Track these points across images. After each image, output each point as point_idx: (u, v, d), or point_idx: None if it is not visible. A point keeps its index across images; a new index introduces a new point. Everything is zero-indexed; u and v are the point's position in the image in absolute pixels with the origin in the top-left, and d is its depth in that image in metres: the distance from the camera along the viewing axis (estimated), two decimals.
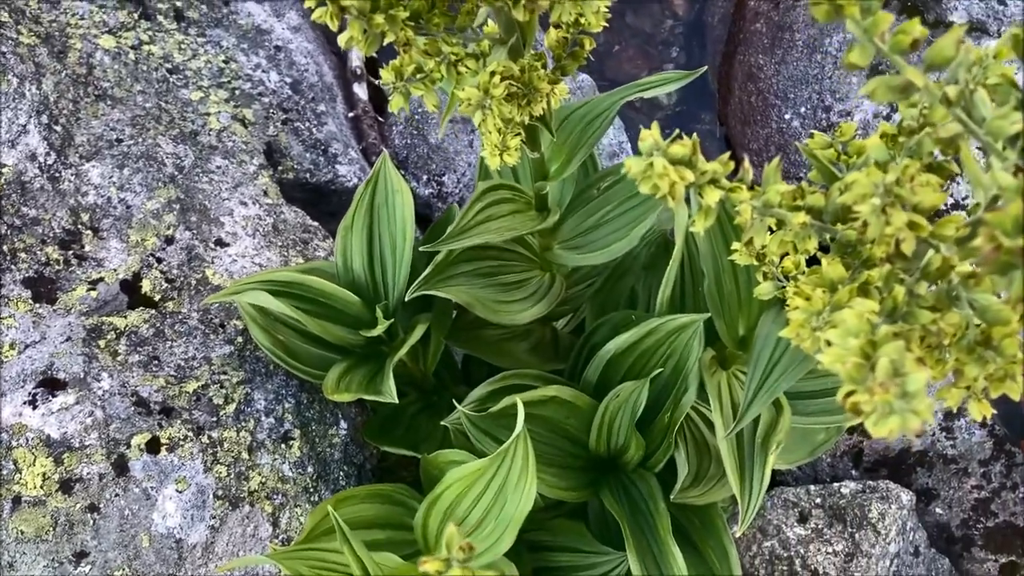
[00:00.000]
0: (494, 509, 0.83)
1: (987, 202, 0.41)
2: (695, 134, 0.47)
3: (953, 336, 0.45)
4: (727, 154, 0.47)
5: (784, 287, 0.67)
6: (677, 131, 0.45)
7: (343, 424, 1.11)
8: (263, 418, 1.04)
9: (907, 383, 0.35)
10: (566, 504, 1.04)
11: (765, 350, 0.64)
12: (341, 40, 0.57)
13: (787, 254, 0.61)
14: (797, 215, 0.47)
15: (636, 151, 0.47)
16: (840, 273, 0.47)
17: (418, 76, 0.60)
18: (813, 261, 0.66)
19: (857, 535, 1.23)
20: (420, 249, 0.93)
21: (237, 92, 1.44)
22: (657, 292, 1.10)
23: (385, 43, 0.61)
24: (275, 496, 1.01)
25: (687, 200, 0.74)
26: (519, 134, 0.79)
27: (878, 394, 0.35)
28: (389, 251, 1.04)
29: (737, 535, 0.75)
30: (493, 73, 0.57)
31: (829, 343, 0.40)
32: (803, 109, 1.60)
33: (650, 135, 0.43)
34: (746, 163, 0.48)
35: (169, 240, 1.13)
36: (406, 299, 0.95)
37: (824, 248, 0.62)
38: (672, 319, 0.90)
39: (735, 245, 0.67)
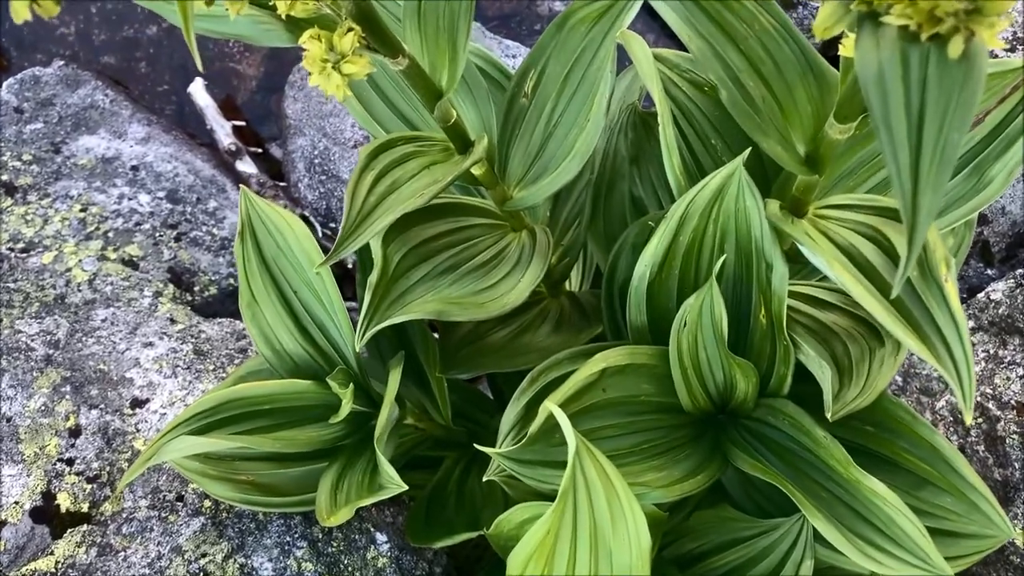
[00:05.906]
0: (601, 564, 0.51)
1: None
2: None
3: None
4: None
5: None
6: None
7: (381, 538, 0.79)
8: None
9: None
10: (695, 494, 0.72)
11: (892, 100, 0.32)
12: None
13: None
14: None
15: None
16: None
17: None
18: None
19: None
20: (319, 268, 0.62)
21: (111, 234, 1.14)
22: (663, 180, 0.79)
23: None
24: None
25: None
26: (351, 29, 0.48)
27: None
28: (315, 303, 0.72)
29: (968, 421, 0.43)
30: None
31: None
32: None
33: None
34: None
35: (74, 432, 0.83)
36: (356, 349, 0.64)
37: None
38: (702, 186, 0.58)
39: None
